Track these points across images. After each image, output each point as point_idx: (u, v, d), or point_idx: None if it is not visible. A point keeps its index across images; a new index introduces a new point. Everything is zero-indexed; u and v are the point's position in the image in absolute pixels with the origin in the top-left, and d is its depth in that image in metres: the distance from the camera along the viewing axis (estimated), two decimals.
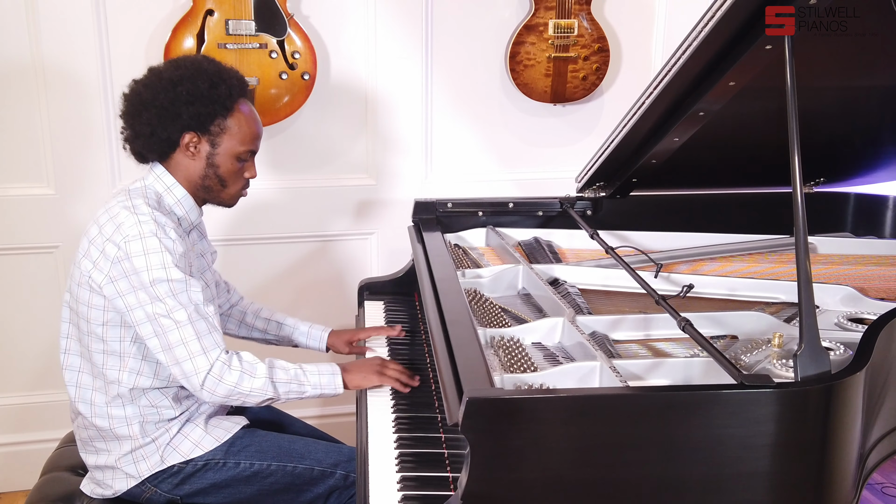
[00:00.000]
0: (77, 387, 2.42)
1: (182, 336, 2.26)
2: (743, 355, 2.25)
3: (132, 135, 2.41)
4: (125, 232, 2.26)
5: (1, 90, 3.48)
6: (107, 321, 2.32)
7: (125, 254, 2.24)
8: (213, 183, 2.44)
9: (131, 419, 2.39)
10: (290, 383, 2.38)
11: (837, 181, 3.33)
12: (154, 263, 2.24)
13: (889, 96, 2.74)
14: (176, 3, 3.53)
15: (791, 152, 2.05)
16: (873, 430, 2.14)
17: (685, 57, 2.35)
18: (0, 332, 3.70)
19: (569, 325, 2.38)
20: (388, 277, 3.22)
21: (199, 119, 2.35)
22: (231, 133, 2.40)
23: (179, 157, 2.41)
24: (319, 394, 2.44)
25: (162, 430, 2.42)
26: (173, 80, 2.33)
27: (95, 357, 2.37)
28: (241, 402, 2.35)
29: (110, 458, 2.42)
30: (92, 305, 2.32)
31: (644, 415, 1.79)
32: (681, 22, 4.00)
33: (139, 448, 2.40)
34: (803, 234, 1.99)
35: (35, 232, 3.62)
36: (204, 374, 2.27)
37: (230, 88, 2.38)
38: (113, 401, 2.39)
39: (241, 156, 2.44)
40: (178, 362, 2.27)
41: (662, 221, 3.27)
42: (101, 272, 2.27)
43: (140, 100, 2.36)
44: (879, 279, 2.89)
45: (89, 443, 2.46)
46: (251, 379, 2.32)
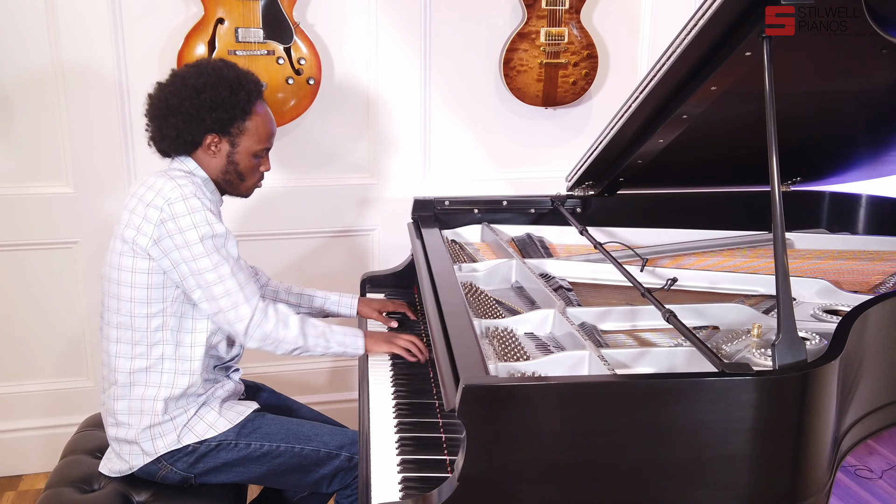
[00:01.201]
0: (116, 356, 2.45)
1: (226, 288, 2.37)
2: (724, 345, 2.25)
3: (158, 136, 2.47)
4: (167, 195, 2.34)
5: (23, 94, 3.47)
6: (151, 284, 2.38)
7: (169, 215, 2.32)
8: (233, 177, 2.51)
9: (159, 394, 2.42)
10: (318, 338, 2.51)
11: (813, 180, 3.33)
12: (199, 221, 2.34)
13: (862, 101, 2.74)
14: (188, 11, 3.52)
15: (769, 153, 2.05)
16: (847, 416, 2.14)
17: (669, 63, 2.34)
18: (22, 323, 3.69)
19: (559, 317, 2.38)
20: (388, 271, 3.22)
21: (220, 123, 2.42)
22: (249, 134, 2.47)
23: (201, 155, 2.48)
24: (343, 351, 2.56)
25: (181, 411, 2.44)
26: (197, 88, 2.39)
27: (138, 322, 2.41)
28: (273, 347, 2.46)
29: (130, 433, 2.43)
30: (136, 271, 2.37)
31: (630, 401, 1.79)
32: (665, 30, 4.00)
33: (158, 425, 2.42)
34: (781, 230, 1.99)
35: (55, 229, 3.61)
36: (248, 321, 2.39)
37: (249, 93, 2.44)
38: (154, 364, 2.43)
39: (258, 153, 2.51)
40: (224, 311, 2.38)
41: (648, 218, 3.26)
42: (146, 236, 2.34)
43: (167, 105, 2.41)
44: (853, 273, 2.89)
45: (115, 414, 2.46)
46: (285, 328, 2.44)
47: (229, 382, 2.59)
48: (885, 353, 2.31)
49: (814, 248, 3.15)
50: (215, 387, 2.53)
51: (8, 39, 3.40)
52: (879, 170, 3.25)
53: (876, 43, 2.27)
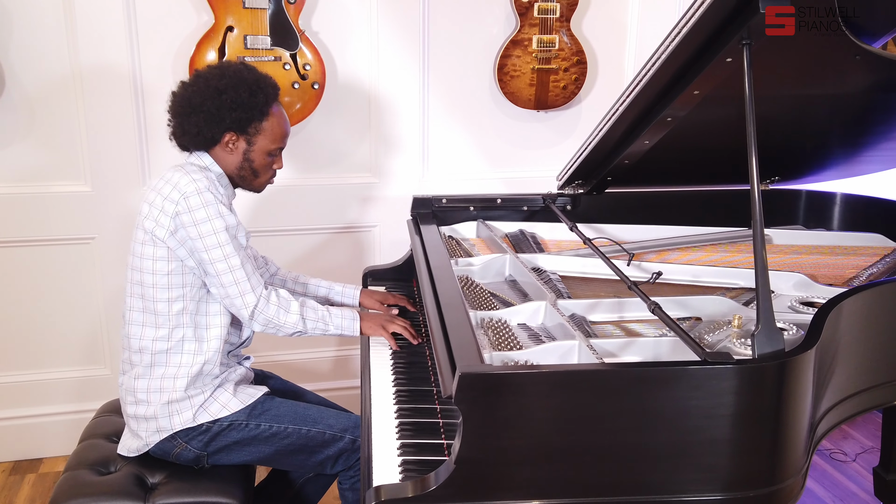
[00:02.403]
0: (139, 339, 2.47)
1: (235, 277, 2.41)
2: (706, 335, 2.25)
3: (180, 131, 2.49)
4: (183, 189, 2.37)
5: (43, 98, 3.46)
6: (171, 270, 2.42)
7: (185, 208, 2.36)
8: (248, 173, 2.54)
9: (178, 372, 2.45)
10: (317, 321, 2.55)
11: (790, 180, 3.33)
12: (212, 214, 2.38)
13: (836, 104, 2.74)
14: (200, 20, 3.51)
15: (749, 154, 2.05)
16: (822, 402, 2.14)
17: (654, 68, 2.34)
18: (43, 314, 3.69)
19: (550, 308, 2.38)
20: (389, 265, 3.22)
21: (239, 123, 2.45)
22: (265, 133, 2.49)
23: (219, 151, 2.50)
24: (340, 333, 2.59)
25: (198, 391, 2.47)
26: (219, 89, 2.42)
27: (160, 307, 2.44)
28: (275, 331, 2.51)
29: (150, 409, 2.45)
30: (157, 258, 2.41)
31: (618, 388, 1.79)
32: (650, 37, 4.00)
33: (176, 402, 2.45)
34: (760, 226, 1.99)
35: (73, 225, 3.60)
36: (252, 308, 2.44)
37: (267, 96, 2.48)
38: (175, 346, 2.46)
39: (273, 152, 2.54)
40: (231, 298, 2.43)
41: (634, 215, 3.26)
42: (163, 227, 2.37)
43: (189, 103, 2.44)
44: (828, 267, 2.89)
45: (135, 392, 2.48)
46: (286, 314, 2.49)
47: (241, 368, 2.61)
48: (859, 343, 2.31)
49: (791, 244, 3.15)
50: (229, 371, 2.55)
51: (30, 46, 3.40)
52: (853, 169, 3.25)
53: (850, 50, 2.27)
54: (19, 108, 3.46)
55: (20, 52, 3.40)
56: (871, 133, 2.94)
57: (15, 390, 3.72)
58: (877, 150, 3.06)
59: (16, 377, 3.72)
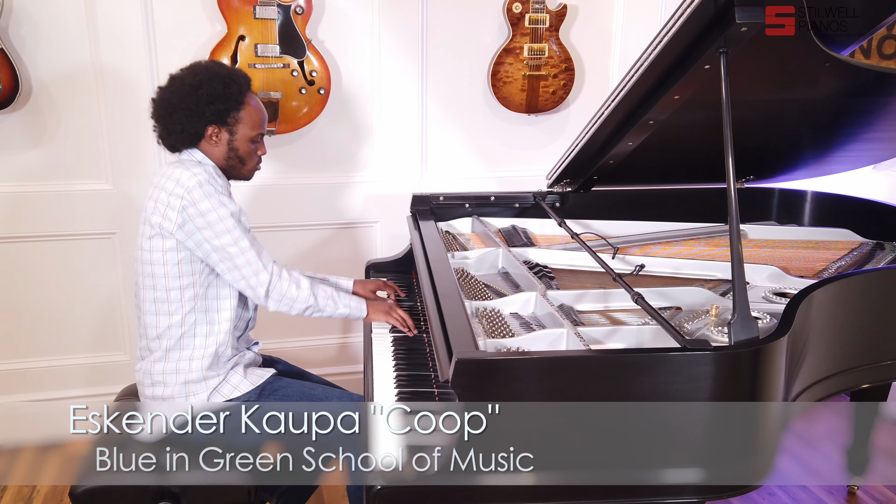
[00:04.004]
0: (155, 326, 2.46)
1: (247, 258, 2.40)
2: (686, 323, 2.25)
3: (165, 132, 2.48)
4: (185, 184, 2.35)
5: (67, 102, 3.46)
6: (180, 260, 2.40)
7: (190, 201, 2.34)
8: (235, 162, 2.51)
9: (193, 354, 2.45)
10: (328, 299, 2.54)
11: (764, 178, 3.32)
12: (215, 204, 2.36)
13: (807, 108, 2.74)
14: (213, 29, 3.51)
15: (726, 154, 2.05)
16: (794, 386, 2.14)
17: (637, 74, 2.34)
18: (66, 304, 3.69)
19: (541, 299, 2.37)
20: (390, 258, 3.21)
21: (218, 114, 2.43)
22: (244, 122, 2.47)
23: (205, 145, 2.48)
24: (348, 313, 2.57)
25: (212, 373, 2.47)
26: (194, 85, 2.41)
27: (172, 294, 2.43)
28: (289, 307, 2.48)
29: (167, 390, 2.46)
30: (166, 250, 2.39)
31: (603, 373, 1.79)
32: (634, 45, 3.99)
33: (192, 383, 2.45)
34: (736, 222, 1.99)
35: (95, 221, 3.60)
36: (266, 285, 2.43)
37: (240, 86, 2.45)
38: (189, 330, 2.45)
39: (254, 138, 2.51)
40: (246, 278, 2.41)
41: (619, 212, 3.26)
42: (171, 221, 2.36)
43: (169, 104, 2.44)
44: (799, 260, 2.89)
45: (152, 375, 2.48)
46: (298, 288, 2.47)
47: (250, 353, 2.61)
48: (828, 331, 2.31)
49: (765, 239, 3.15)
50: (239, 355, 2.55)
51: (55, 54, 3.39)
52: (823, 169, 3.24)
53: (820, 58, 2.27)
54: (46, 112, 3.46)
55: (46, 59, 3.40)
56: (840, 135, 2.94)
57: (42, 374, 3.72)
58: (845, 150, 3.06)
59: (42, 362, 3.72)
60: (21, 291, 3.64)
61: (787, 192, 3.41)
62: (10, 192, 3.50)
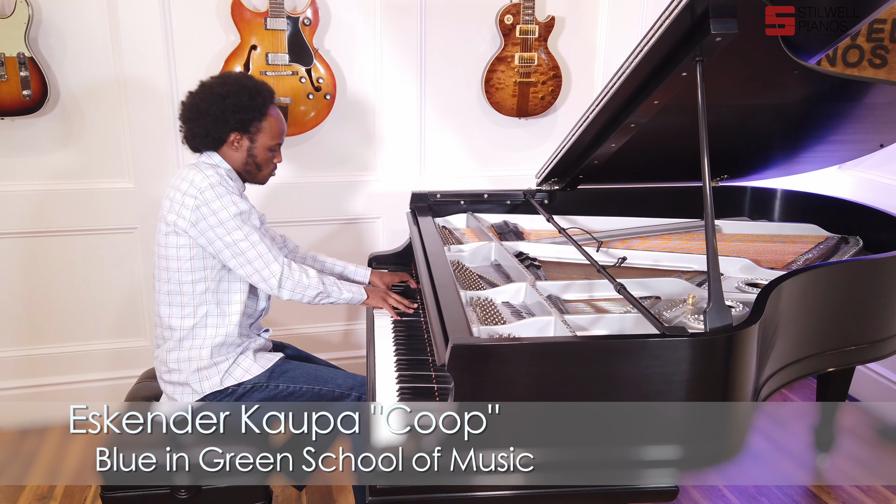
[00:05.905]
0: (169, 317, 2.47)
1: (258, 252, 2.41)
2: (665, 311, 2.25)
3: (190, 134, 2.48)
4: (198, 185, 2.36)
5: (92, 107, 3.45)
6: (193, 256, 2.41)
7: (202, 201, 2.35)
8: (252, 168, 2.51)
9: (204, 343, 2.45)
10: (333, 286, 2.55)
11: (738, 177, 3.32)
12: (227, 203, 2.37)
13: (777, 112, 2.73)
14: (227, 39, 3.49)
15: (701, 155, 2.05)
16: (765, 369, 2.14)
17: (620, 81, 2.33)
18: (90, 293, 3.68)
19: (530, 289, 2.37)
20: (391, 251, 3.20)
21: (242, 123, 2.44)
22: (265, 132, 2.48)
23: (226, 150, 2.49)
24: (351, 297, 2.58)
25: (223, 358, 2.47)
26: (222, 94, 2.42)
27: (185, 288, 2.43)
28: (301, 295, 2.49)
29: (182, 376, 2.46)
30: (180, 246, 2.40)
31: (588, 357, 1.79)
32: (617, 54, 3.98)
33: (204, 369, 2.45)
34: (711, 218, 1.99)
35: (118, 217, 3.59)
36: (279, 276, 2.43)
37: (264, 99, 2.46)
38: (200, 321, 2.45)
39: (272, 147, 2.52)
40: (258, 271, 2.42)
41: (603, 208, 3.26)
42: (185, 219, 2.36)
43: (197, 109, 2.44)
44: (769, 253, 2.88)
45: (167, 363, 2.48)
46: (307, 277, 2.48)
47: (260, 339, 2.61)
48: (796, 319, 2.31)
49: (738, 233, 3.15)
50: (249, 341, 2.55)
51: (81, 62, 3.38)
52: (791, 169, 3.24)
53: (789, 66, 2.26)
54: (72, 115, 3.45)
55: (73, 67, 3.39)
56: (807, 137, 2.93)
57: (69, 358, 3.72)
58: (812, 152, 3.05)
59: (69, 347, 3.72)
60: (49, 282, 3.63)
61: (758, 190, 3.41)
62: (39, 190, 3.49)
